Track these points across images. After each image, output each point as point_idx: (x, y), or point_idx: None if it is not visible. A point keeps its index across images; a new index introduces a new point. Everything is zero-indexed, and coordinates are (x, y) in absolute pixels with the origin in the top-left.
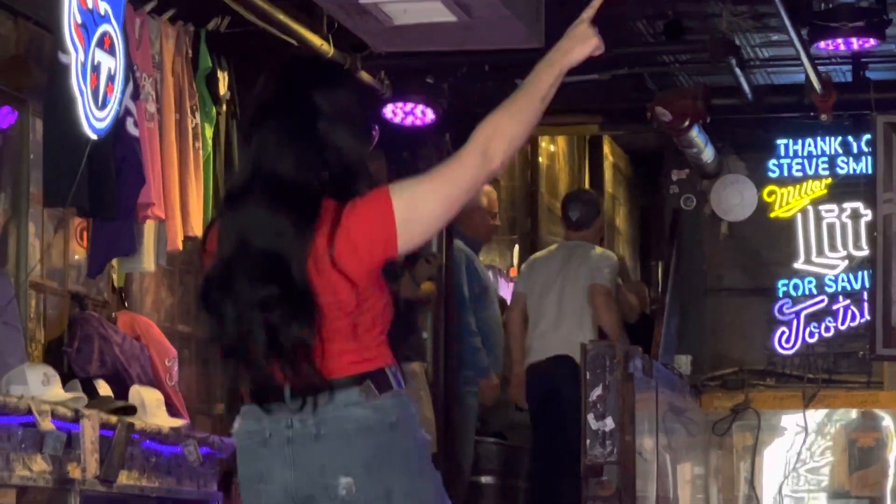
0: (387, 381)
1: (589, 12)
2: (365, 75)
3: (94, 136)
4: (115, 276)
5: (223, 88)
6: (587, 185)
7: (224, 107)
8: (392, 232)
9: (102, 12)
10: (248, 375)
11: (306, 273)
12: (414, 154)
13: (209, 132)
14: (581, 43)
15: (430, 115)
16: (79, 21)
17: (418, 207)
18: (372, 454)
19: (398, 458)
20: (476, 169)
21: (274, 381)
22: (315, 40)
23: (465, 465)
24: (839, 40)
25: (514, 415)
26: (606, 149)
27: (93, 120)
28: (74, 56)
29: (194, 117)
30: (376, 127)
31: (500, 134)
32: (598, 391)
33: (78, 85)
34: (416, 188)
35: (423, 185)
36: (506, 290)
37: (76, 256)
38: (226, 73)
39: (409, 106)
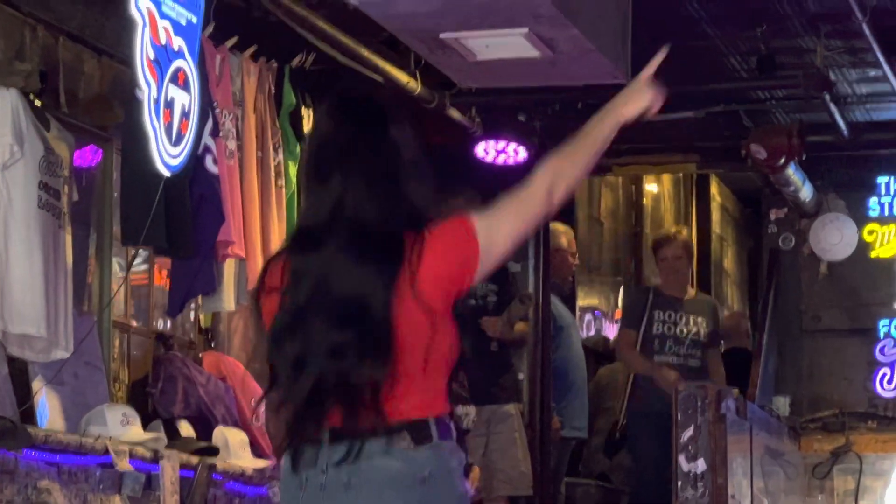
0: (426, 432)
1: (648, 70)
2: (455, 113)
3: (167, 173)
4: (201, 316)
5: (307, 126)
6: (694, 226)
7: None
8: (475, 254)
9: (176, 48)
10: (303, 421)
11: (390, 313)
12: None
13: (293, 170)
14: (637, 97)
15: (522, 154)
16: (152, 57)
17: (494, 234)
18: None
19: None
20: (541, 205)
21: (322, 426)
22: (402, 77)
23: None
24: None
25: (618, 456)
26: (714, 189)
27: (166, 156)
28: (147, 92)
29: (277, 154)
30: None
31: (562, 177)
32: (689, 432)
33: (151, 121)
34: (493, 216)
35: (499, 213)
36: (610, 332)
37: (160, 296)
38: (310, 111)
39: (501, 144)
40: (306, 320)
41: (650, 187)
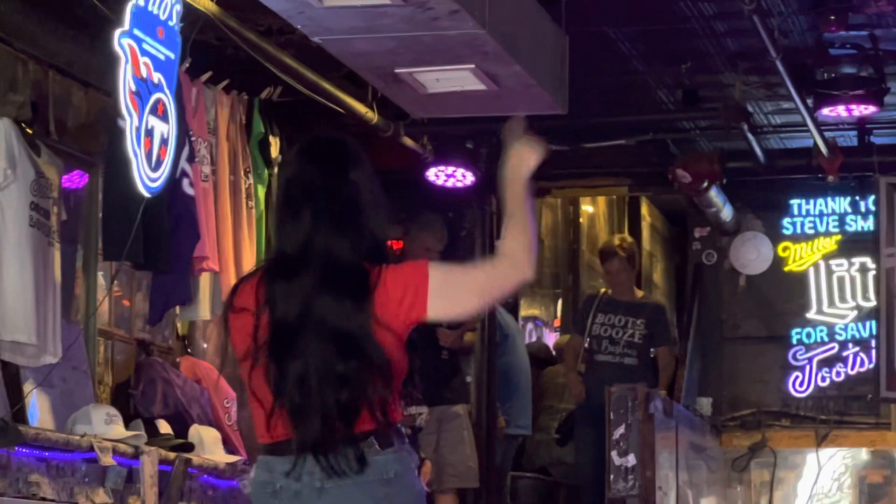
0: (389, 439)
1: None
2: (408, 141)
3: (147, 195)
4: (179, 325)
5: (275, 152)
6: None
7: (276, 169)
8: (424, 294)
9: (156, 81)
10: (302, 431)
11: (377, 342)
12: (458, 214)
13: (262, 192)
14: (528, 154)
15: (470, 178)
16: (133, 89)
17: (450, 284)
18: None
19: None
20: (507, 273)
21: (307, 436)
22: (360, 108)
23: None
24: (841, 107)
25: (558, 451)
26: (644, 210)
27: (146, 180)
28: (129, 121)
29: (248, 178)
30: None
31: (521, 251)
32: (620, 430)
33: (133, 148)
34: (453, 269)
35: (460, 269)
36: (549, 339)
37: (142, 306)
38: (277, 139)
39: (451, 169)
40: (301, 343)
41: (586, 208)
